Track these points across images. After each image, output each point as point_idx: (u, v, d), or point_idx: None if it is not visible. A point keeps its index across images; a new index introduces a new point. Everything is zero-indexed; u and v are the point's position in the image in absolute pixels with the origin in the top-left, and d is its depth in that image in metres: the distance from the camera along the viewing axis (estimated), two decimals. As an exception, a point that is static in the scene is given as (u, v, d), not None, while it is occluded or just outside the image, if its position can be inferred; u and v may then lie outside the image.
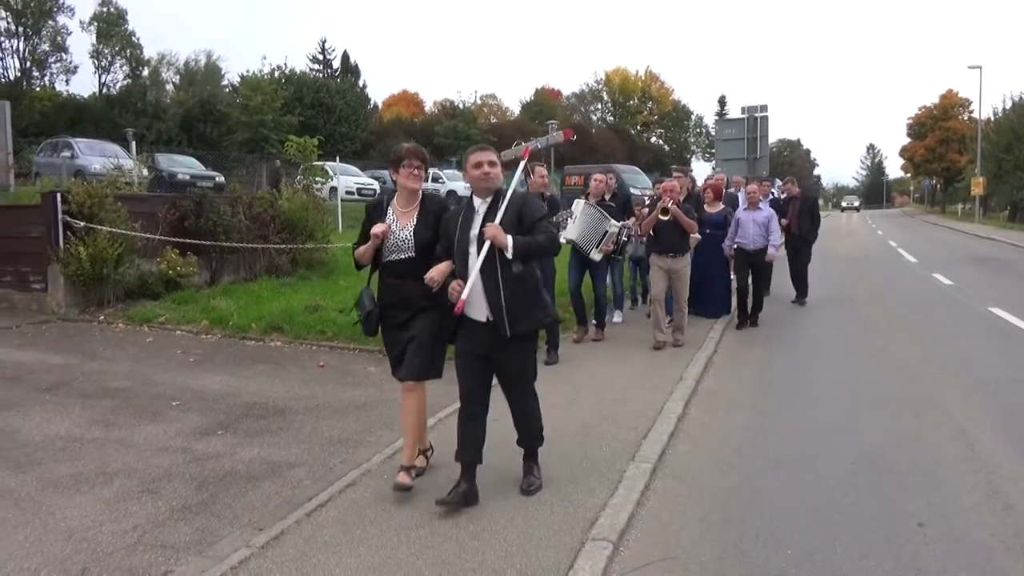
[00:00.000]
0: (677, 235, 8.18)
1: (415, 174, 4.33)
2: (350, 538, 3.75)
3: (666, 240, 8.27)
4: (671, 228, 8.15)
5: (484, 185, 4.06)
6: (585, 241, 8.01)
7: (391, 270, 4.35)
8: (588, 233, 8.00)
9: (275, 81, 42.64)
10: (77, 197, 9.77)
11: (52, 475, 4.60)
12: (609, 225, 8.00)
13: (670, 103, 76.98)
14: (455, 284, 3.98)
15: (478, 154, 4.11)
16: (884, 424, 5.72)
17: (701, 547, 3.74)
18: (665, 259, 8.31)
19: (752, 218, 9.65)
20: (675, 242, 8.22)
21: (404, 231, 4.30)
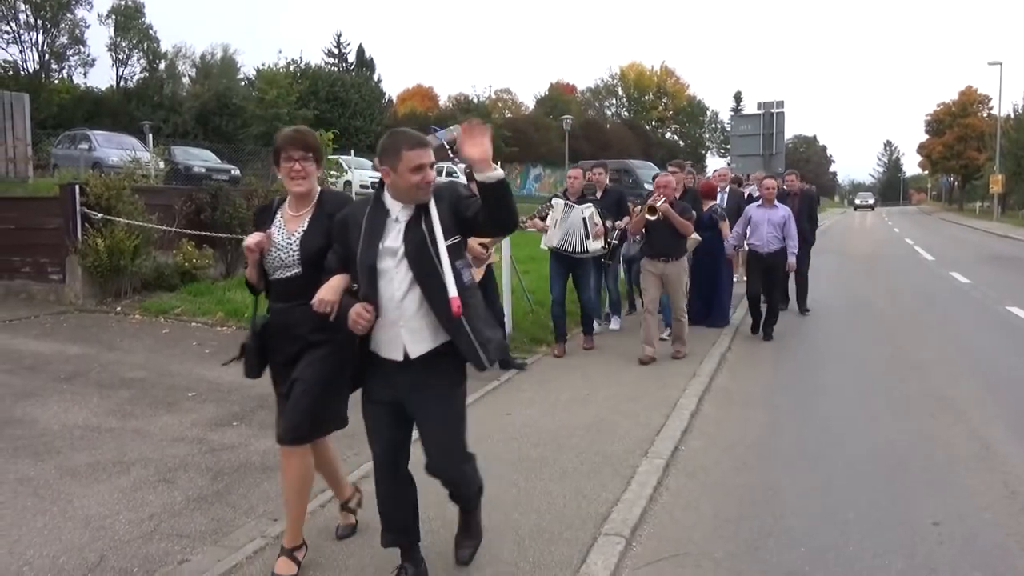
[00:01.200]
0: (670, 236, 7.31)
1: (297, 171, 3.28)
2: (364, 528, 3.78)
3: (658, 242, 7.39)
4: (663, 229, 7.28)
5: (424, 195, 2.93)
6: (572, 241, 7.37)
7: (277, 292, 3.39)
8: (571, 231, 7.37)
9: (290, 75, 42.78)
10: (95, 189, 9.85)
11: (70, 464, 4.65)
12: (581, 210, 7.33)
13: (685, 98, 76.70)
14: (359, 309, 2.85)
15: (419, 152, 2.90)
16: (899, 423, 5.69)
17: (714, 543, 3.74)
18: (657, 263, 7.39)
19: (767, 217, 8.54)
20: (668, 244, 7.35)
21: (290, 240, 3.31)
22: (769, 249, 8.53)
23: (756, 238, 8.61)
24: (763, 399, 6.35)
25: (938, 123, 69.36)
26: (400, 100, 63.32)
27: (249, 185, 13.68)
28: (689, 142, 74.88)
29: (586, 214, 7.32)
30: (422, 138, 2.99)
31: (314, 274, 3.14)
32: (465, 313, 2.89)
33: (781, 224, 8.52)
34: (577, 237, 7.34)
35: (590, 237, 7.33)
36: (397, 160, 2.89)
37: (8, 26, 43.52)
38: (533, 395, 6.21)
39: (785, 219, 8.55)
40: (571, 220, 7.34)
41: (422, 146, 2.92)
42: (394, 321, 2.95)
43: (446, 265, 2.87)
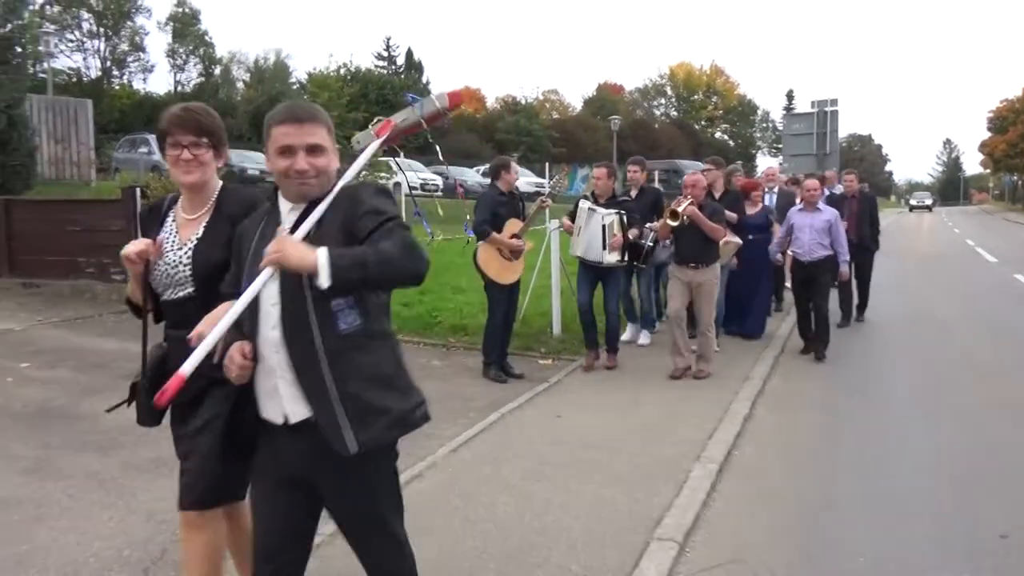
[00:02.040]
0: (700, 241, 6.66)
1: (186, 159, 2.55)
2: (415, 529, 3.76)
3: (686, 247, 6.74)
4: (692, 233, 6.63)
5: (296, 188, 2.19)
6: (593, 250, 6.75)
7: (170, 316, 2.70)
8: (592, 239, 6.75)
9: (341, 78, 43.38)
10: (156, 192, 10.14)
11: (134, 459, 4.79)
12: (601, 216, 6.68)
13: (736, 97, 75.68)
14: (233, 351, 2.11)
15: (287, 128, 2.18)
16: (964, 430, 5.52)
17: (769, 551, 3.67)
18: (685, 270, 6.76)
19: (809, 222, 7.65)
20: (698, 249, 6.68)
21: (181, 251, 2.60)
22: (811, 257, 7.65)
23: (798, 245, 7.80)
24: (819, 404, 6.22)
25: (1001, 120, 67.01)
26: (448, 102, 63.62)
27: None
28: (739, 142, 73.85)
29: (606, 222, 6.67)
30: (298, 111, 2.22)
31: (211, 295, 2.40)
32: (337, 372, 2.11)
33: (825, 229, 7.61)
34: (596, 246, 6.73)
35: (606, 248, 6.67)
36: (267, 139, 2.20)
37: (72, 35, 45.06)
38: (583, 398, 6.19)
39: (830, 223, 7.63)
40: (592, 227, 6.75)
41: (293, 121, 2.17)
42: (272, 369, 2.16)
43: (309, 298, 2.07)
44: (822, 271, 7.66)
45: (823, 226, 7.61)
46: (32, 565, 3.47)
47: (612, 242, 6.67)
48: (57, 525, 3.87)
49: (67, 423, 5.49)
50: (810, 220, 7.68)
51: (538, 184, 27.05)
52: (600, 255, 6.71)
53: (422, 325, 8.37)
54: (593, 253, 6.74)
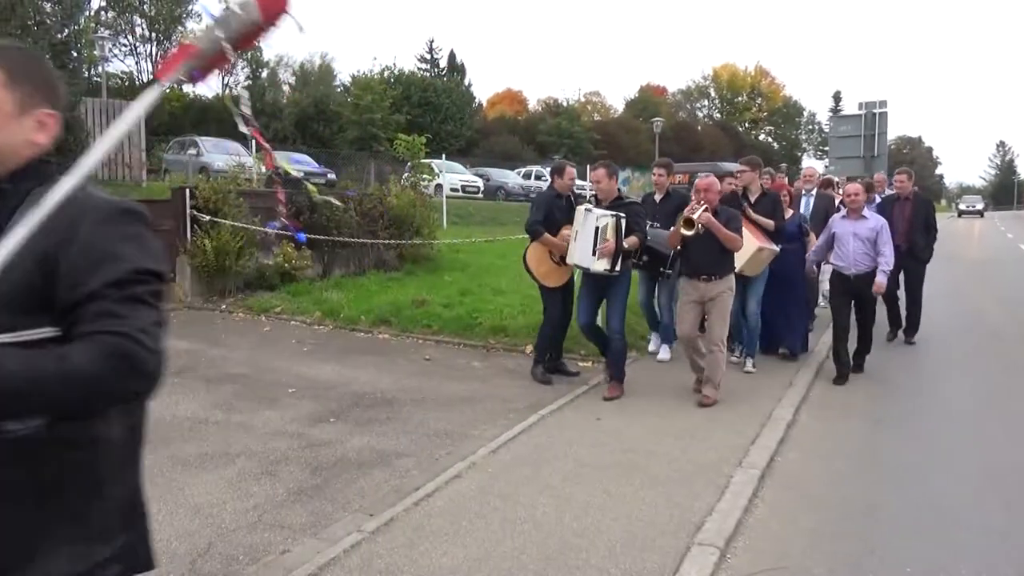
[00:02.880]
0: (715, 251, 5.99)
1: None
2: (456, 528, 3.84)
3: (699, 258, 6.04)
4: (706, 242, 5.96)
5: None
6: (584, 255, 6.00)
7: None
8: (584, 243, 5.99)
9: (384, 81, 43.87)
10: (203, 193, 10.36)
11: (181, 454, 4.91)
12: (596, 218, 5.91)
13: (781, 99, 74.62)
14: None
15: None
16: (1014, 438, 5.38)
17: (812, 558, 3.62)
18: (697, 283, 6.08)
19: (853, 230, 6.81)
20: (712, 260, 6.02)
21: None
22: (857, 270, 6.79)
23: (840, 256, 6.94)
24: (863, 411, 6.10)
25: (1058, 121, 64.95)
26: (490, 104, 63.96)
27: (345, 188, 14.12)
28: (784, 144, 72.76)
29: (600, 223, 5.90)
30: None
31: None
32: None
33: (872, 239, 6.75)
34: (587, 250, 5.96)
35: (595, 253, 5.90)
36: None
37: (126, 39, 46.31)
38: (622, 401, 6.15)
39: (877, 232, 6.75)
40: (586, 229, 5.98)
41: None
42: None
43: None
44: (869, 286, 6.77)
45: (869, 235, 6.78)
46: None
47: (602, 248, 5.88)
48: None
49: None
50: (854, 228, 6.84)
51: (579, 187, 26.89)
52: (589, 260, 5.96)
53: (462, 326, 8.41)
54: (584, 258, 6.01)
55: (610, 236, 5.93)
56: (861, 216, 6.89)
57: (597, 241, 5.91)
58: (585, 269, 6.09)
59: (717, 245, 5.96)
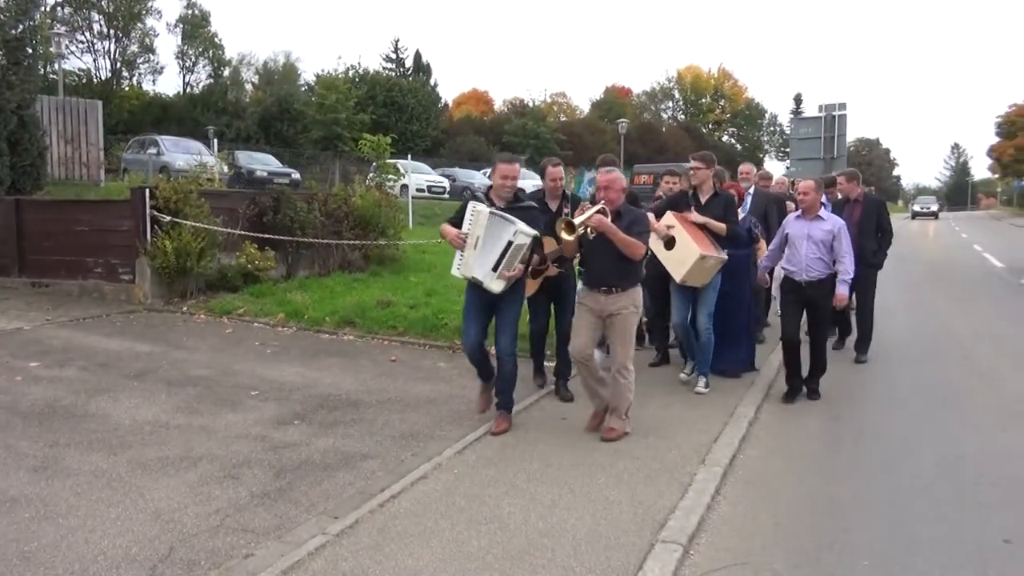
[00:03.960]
0: (613, 259, 5.06)
1: None
2: (422, 530, 3.83)
3: (597, 265, 5.21)
4: (604, 248, 5.05)
5: None
6: (482, 266, 5.08)
7: None
8: (489, 251, 5.05)
9: (349, 80, 43.58)
10: (164, 193, 10.18)
11: (141, 458, 4.82)
12: (515, 233, 4.96)
13: (743, 101, 75.67)
14: None
15: None
16: (968, 435, 5.52)
17: (774, 554, 3.68)
18: (595, 296, 5.17)
19: (807, 232, 6.20)
20: (610, 269, 5.09)
21: None
22: (809, 276, 6.17)
23: (792, 260, 6.31)
24: (823, 409, 6.21)
25: (1010, 125, 66.69)
26: (456, 104, 63.83)
27: (309, 189, 14.00)
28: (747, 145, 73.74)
29: (516, 241, 4.96)
30: None
31: None
32: None
33: (827, 242, 6.15)
34: (489, 262, 5.05)
35: (497, 270, 5.02)
36: None
37: (83, 36, 45.34)
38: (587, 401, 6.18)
39: (834, 235, 6.15)
40: (494, 241, 5.03)
41: None
42: None
43: None
44: (822, 295, 6.16)
45: (824, 238, 6.15)
46: (40, 563, 3.50)
47: (511, 274, 5.07)
48: (65, 523, 3.90)
49: (75, 422, 5.53)
50: (808, 229, 6.20)
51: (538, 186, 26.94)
52: (487, 275, 5.06)
53: (428, 327, 8.39)
54: (481, 271, 5.08)
55: (520, 261, 5.09)
56: (817, 216, 6.27)
57: (504, 259, 4.99)
58: (478, 282, 5.13)
59: (616, 252, 5.04)
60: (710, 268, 6.24)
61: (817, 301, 6.21)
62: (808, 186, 6.34)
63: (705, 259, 6.10)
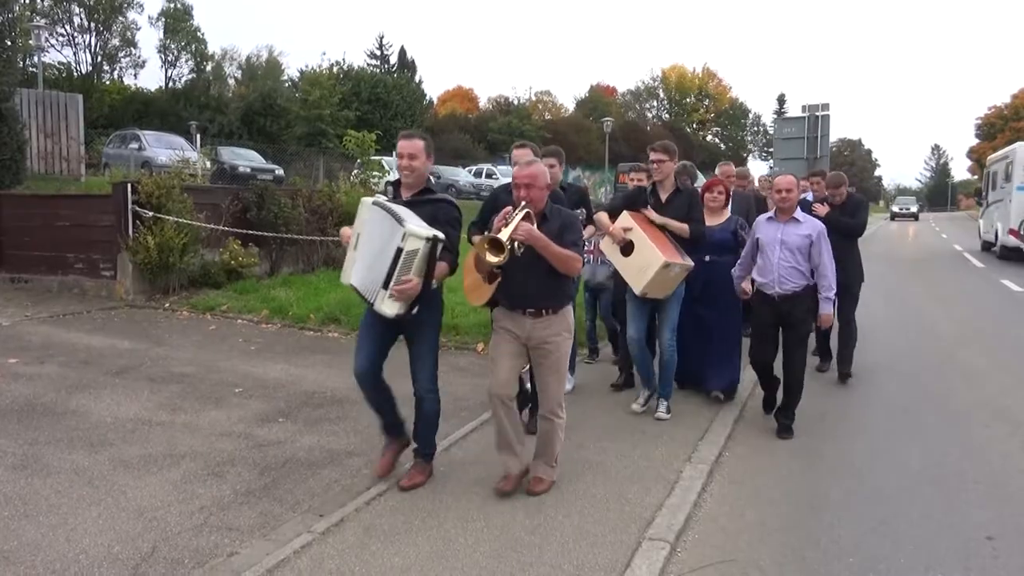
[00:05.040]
0: (543, 272, 4.01)
1: None
2: (408, 527, 3.81)
3: (519, 280, 4.08)
4: (530, 259, 3.96)
5: None
6: (369, 282, 4.00)
7: None
8: (374, 262, 3.97)
9: (334, 76, 43.40)
10: (146, 188, 10.07)
11: (123, 456, 4.76)
12: (403, 237, 3.79)
13: (728, 101, 76.09)
14: None
15: None
16: (951, 433, 5.56)
17: (759, 551, 3.69)
18: (519, 319, 4.12)
19: (780, 237, 5.30)
20: (538, 285, 4.06)
21: None
22: (782, 289, 5.28)
23: (762, 270, 5.42)
24: (807, 407, 6.22)
25: (989, 127, 67.66)
26: (440, 101, 63.71)
27: (293, 185, 13.91)
28: (731, 145, 74.14)
29: (406, 246, 3.79)
30: None
31: None
32: None
33: (804, 249, 5.25)
34: (376, 277, 3.93)
35: (388, 287, 3.86)
36: None
37: (63, 29, 44.83)
38: (574, 397, 6.18)
39: (811, 240, 5.24)
40: (381, 245, 3.93)
41: None
42: None
43: None
44: (799, 311, 5.33)
45: (801, 244, 5.25)
46: (20, 562, 3.45)
47: (402, 287, 3.83)
48: (45, 522, 3.84)
49: (55, 419, 5.45)
50: (781, 234, 5.31)
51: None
52: (374, 292, 3.94)
53: (413, 324, 8.34)
54: (366, 283, 4.02)
55: (416, 272, 3.85)
56: (792, 219, 5.34)
57: (396, 270, 3.83)
58: (364, 300, 4.06)
59: (545, 264, 3.99)
60: (675, 278, 5.40)
61: (793, 318, 5.33)
62: (788, 182, 5.36)
63: (669, 267, 5.24)
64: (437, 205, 4.22)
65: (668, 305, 5.61)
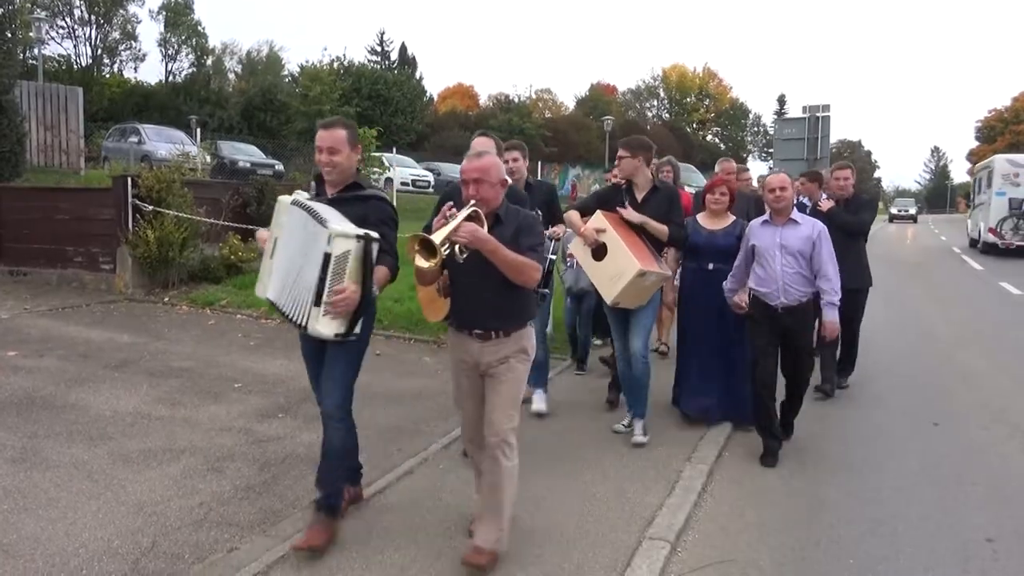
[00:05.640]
0: (494, 287, 3.35)
1: None
2: (409, 525, 3.81)
3: (469, 299, 3.46)
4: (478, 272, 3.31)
5: None
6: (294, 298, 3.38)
7: None
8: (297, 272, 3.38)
9: (334, 72, 43.26)
10: (146, 181, 10.06)
11: (123, 450, 4.76)
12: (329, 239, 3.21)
13: (728, 101, 75.95)
14: None
15: None
16: (950, 435, 5.57)
17: (760, 551, 3.70)
18: (466, 342, 3.50)
19: (780, 241, 4.82)
20: (487, 300, 3.40)
21: None
22: (788, 299, 4.79)
23: (763, 279, 4.88)
24: (807, 409, 6.22)
25: (989, 129, 67.71)
26: (441, 98, 63.57)
27: (294, 180, 13.90)
28: (731, 145, 74.04)
29: (334, 250, 3.20)
30: None
31: None
32: None
33: (806, 252, 4.80)
34: (303, 292, 3.32)
35: (320, 304, 3.23)
36: None
37: (63, 21, 44.69)
38: (573, 395, 6.19)
39: (814, 242, 4.78)
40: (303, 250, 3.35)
41: None
42: None
43: None
44: (804, 323, 4.93)
45: (803, 247, 4.80)
46: (20, 555, 3.44)
47: (337, 299, 3.20)
48: (45, 515, 3.84)
49: (54, 412, 5.44)
50: (780, 238, 4.84)
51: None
52: (304, 312, 3.29)
53: (412, 321, 8.35)
54: (290, 300, 3.40)
55: (351, 277, 3.22)
56: (790, 220, 4.88)
57: (327, 280, 3.21)
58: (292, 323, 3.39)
59: (496, 277, 3.29)
60: (650, 287, 4.90)
61: (797, 331, 4.88)
62: (782, 181, 4.90)
63: (645, 276, 4.73)
64: (368, 203, 3.57)
65: (641, 311, 5.04)
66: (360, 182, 3.70)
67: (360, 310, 3.31)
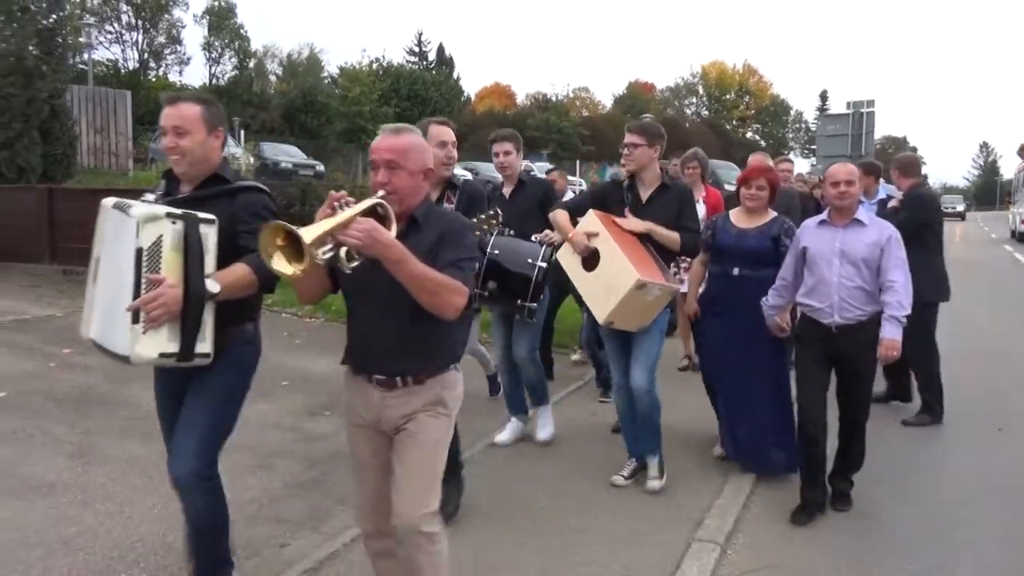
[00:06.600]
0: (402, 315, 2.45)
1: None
2: (456, 524, 3.81)
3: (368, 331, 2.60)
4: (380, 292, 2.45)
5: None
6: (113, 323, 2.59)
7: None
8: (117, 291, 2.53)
9: (373, 73, 43.76)
10: (193, 183, 10.24)
11: (175, 446, 4.85)
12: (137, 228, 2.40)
13: (768, 97, 74.94)
14: None
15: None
16: (1008, 445, 5.38)
17: (812, 555, 3.64)
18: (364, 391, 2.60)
19: (840, 247, 3.90)
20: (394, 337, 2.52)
21: None
22: (843, 318, 3.88)
23: (815, 292, 3.97)
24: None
25: (1041, 124, 65.69)
26: (478, 98, 63.72)
27: (335, 180, 14.06)
28: (771, 142, 73.04)
29: (144, 240, 2.42)
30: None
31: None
32: None
33: (872, 262, 3.86)
34: (114, 306, 2.55)
35: (140, 321, 2.44)
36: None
37: (112, 27, 45.79)
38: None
39: (882, 248, 3.84)
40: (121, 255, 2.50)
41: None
42: None
43: None
44: (863, 346, 3.89)
45: (869, 255, 3.86)
46: (80, 548, 3.53)
47: (150, 298, 2.43)
48: (103, 509, 3.94)
49: (109, 409, 5.58)
50: (841, 243, 3.91)
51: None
52: (124, 339, 2.51)
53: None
54: (101, 320, 2.73)
55: (167, 270, 2.48)
56: (854, 221, 3.94)
57: (142, 285, 2.45)
58: (118, 358, 2.62)
59: (408, 301, 2.40)
60: (653, 303, 3.95)
61: (855, 356, 3.94)
62: (849, 172, 3.94)
63: (646, 289, 3.80)
64: (237, 197, 2.76)
65: (645, 337, 4.11)
66: (223, 174, 2.81)
67: (194, 316, 2.50)
